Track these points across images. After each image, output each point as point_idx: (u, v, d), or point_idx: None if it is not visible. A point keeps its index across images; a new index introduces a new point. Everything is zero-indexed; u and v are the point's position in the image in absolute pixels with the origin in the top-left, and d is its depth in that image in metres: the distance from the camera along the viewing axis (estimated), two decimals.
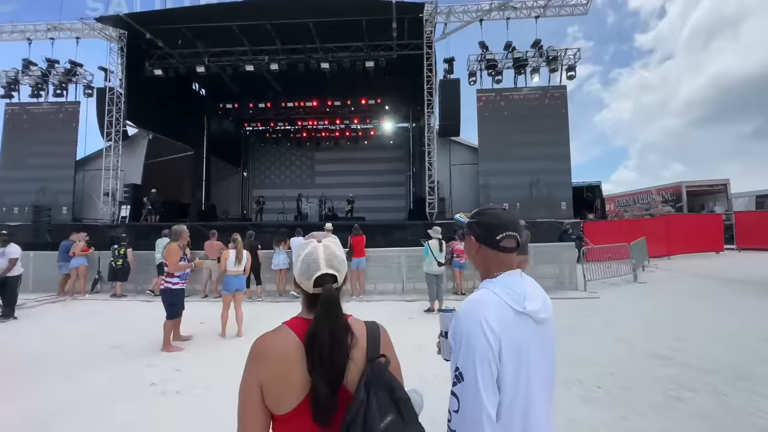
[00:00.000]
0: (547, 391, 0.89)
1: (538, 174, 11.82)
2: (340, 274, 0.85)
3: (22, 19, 12.50)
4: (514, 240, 0.95)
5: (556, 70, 11.82)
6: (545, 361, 0.89)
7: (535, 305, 0.86)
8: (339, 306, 0.80)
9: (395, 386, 0.79)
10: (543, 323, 0.89)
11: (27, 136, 12.65)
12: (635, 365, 3.21)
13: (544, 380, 0.88)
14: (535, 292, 0.91)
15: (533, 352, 0.85)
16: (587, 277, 6.87)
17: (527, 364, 0.83)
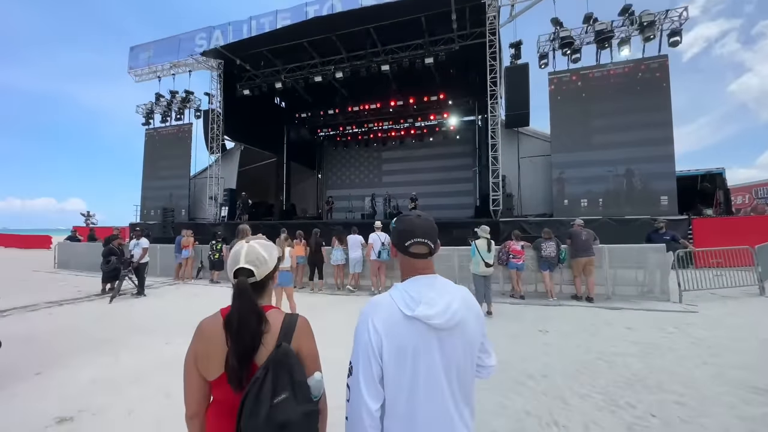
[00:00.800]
0: (445, 393, 0.89)
1: (629, 163, 10.08)
2: (257, 270, 1.00)
3: (154, 62, 15.87)
4: (424, 247, 0.98)
5: (652, 39, 9.89)
6: (443, 365, 0.90)
7: (429, 311, 0.88)
8: (249, 295, 0.96)
9: (295, 369, 0.92)
10: (443, 328, 0.89)
11: (159, 153, 16.09)
12: (716, 396, 2.61)
13: (438, 383, 0.89)
14: (439, 298, 0.92)
15: (421, 355, 0.87)
16: (683, 286, 5.67)
17: (412, 365, 0.86)
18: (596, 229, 9.44)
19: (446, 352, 0.90)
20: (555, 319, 4.82)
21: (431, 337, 0.88)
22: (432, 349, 0.88)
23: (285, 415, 0.83)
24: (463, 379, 0.93)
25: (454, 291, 0.97)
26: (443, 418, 0.88)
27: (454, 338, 0.91)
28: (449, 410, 0.89)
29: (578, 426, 2.29)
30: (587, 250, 5.77)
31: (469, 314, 0.96)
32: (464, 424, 0.92)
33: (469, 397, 0.95)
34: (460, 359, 0.92)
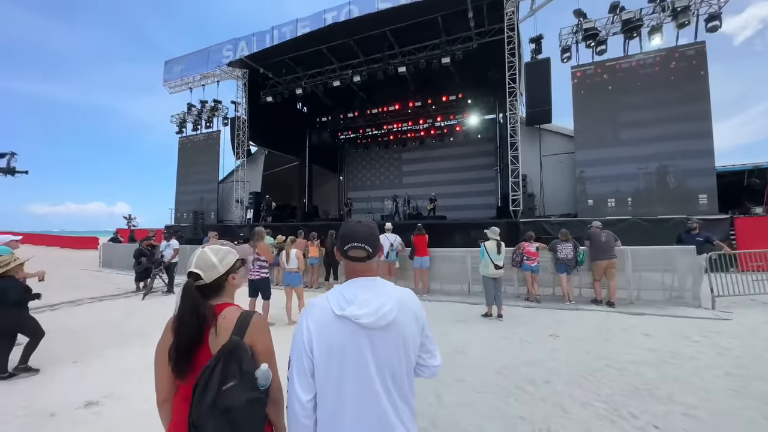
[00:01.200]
0: (378, 390, 0.94)
1: (662, 159, 9.45)
2: (204, 273, 1.11)
3: (186, 74, 16.92)
4: (362, 251, 1.03)
5: (687, 25, 9.21)
6: (375, 363, 0.95)
7: (359, 311, 0.94)
8: (192, 296, 1.06)
9: (244, 360, 1.01)
10: (373, 328, 0.95)
11: (191, 160, 17.11)
12: (733, 410, 2.42)
13: (369, 379, 0.94)
14: (373, 300, 0.97)
15: (350, 352, 0.93)
16: (717, 291, 5.25)
17: (340, 361, 0.93)
18: (625, 230, 9.09)
19: (378, 350, 0.95)
20: (569, 324, 4.65)
21: (362, 336, 0.94)
22: (362, 347, 0.94)
23: (230, 401, 0.92)
24: (398, 377, 0.98)
25: (391, 293, 1.02)
26: (375, 414, 0.93)
27: (387, 338, 0.96)
28: (383, 406, 0.94)
29: (564, 430, 2.23)
30: (608, 252, 5.50)
31: (405, 315, 1.01)
32: (401, 421, 0.97)
33: (406, 395, 1.00)
34: (393, 358, 0.97)
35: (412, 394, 1.03)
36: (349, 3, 13.23)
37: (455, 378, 3.11)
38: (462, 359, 3.53)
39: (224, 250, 1.21)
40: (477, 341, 4.07)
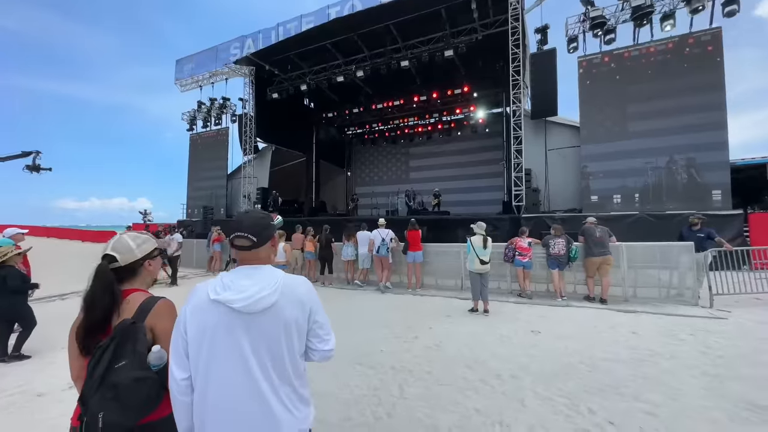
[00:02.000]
0: (253, 373, 0.99)
1: (672, 152, 9.07)
2: (119, 256, 1.18)
3: (196, 73, 17.31)
4: (246, 240, 1.08)
5: (701, 10, 8.74)
6: (250, 344, 0.99)
7: (232, 296, 0.99)
8: (105, 276, 1.13)
9: (139, 341, 1.08)
10: (247, 312, 0.99)
11: (201, 156, 17.58)
12: (700, 410, 2.36)
13: (243, 359, 0.98)
14: (251, 286, 1.01)
15: (220, 333, 0.98)
16: (716, 289, 5.04)
17: (211, 342, 0.98)
18: (631, 225, 8.83)
19: (255, 333, 1.00)
20: (554, 321, 4.58)
21: (235, 319, 0.99)
22: (235, 329, 0.98)
23: (117, 378, 0.99)
24: (278, 359, 1.02)
25: (273, 280, 1.05)
26: (248, 392, 0.97)
27: (266, 321, 1.01)
28: (259, 386, 0.98)
29: (523, 427, 2.23)
30: (602, 248, 5.36)
31: (288, 301, 1.04)
32: (280, 401, 1.01)
33: (289, 376, 1.04)
34: (273, 341, 1.01)
35: (297, 376, 1.07)
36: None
37: (424, 371, 3.14)
38: (436, 353, 3.55)
39: (143, 237, 1.28)
40: (456, 336, 4.08)
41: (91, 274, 1.14)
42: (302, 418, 1.06)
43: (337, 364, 3.32)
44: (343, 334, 4.26)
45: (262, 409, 0.98)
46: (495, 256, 6.32)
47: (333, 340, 1.17)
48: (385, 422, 2.33)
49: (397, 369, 3.18)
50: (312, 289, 1.15)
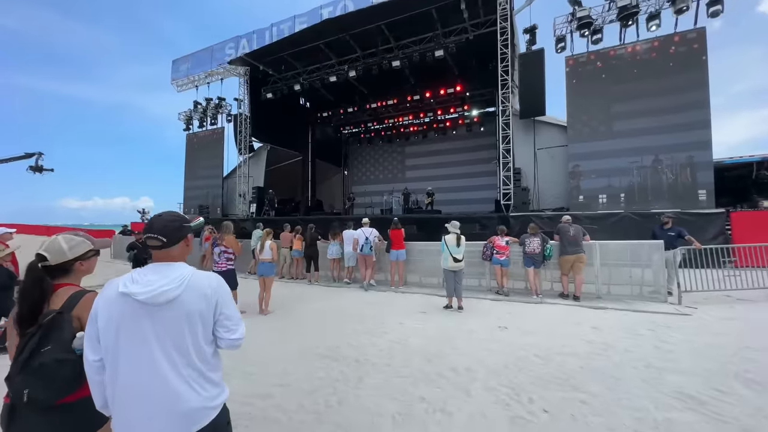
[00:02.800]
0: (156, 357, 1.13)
1: (657, 152, 9.16)
2: (50, 256, 1.33)
3: (192, 73, 17.47)
4: (156, 241, 1.22)
5: (685, 11, 8.80)
6: (155, 333, 1.13)
7: (136, 289, 1.12)
8: (34, 272, 1.28)
9: (65, 330, 1.23)
10: (151, 304, 1.12)
11: (197, 155, 17.76)
12: (632, 398, 2.49)
13: (147, 346, 1.12)
14: (157, 281, 1.15)
15: (126, 322, 1.12)
16: (685, 286, 5.16)
17: (117, 329, 1.12)
18: (616, 224, 8.94)
19: (159, 322, 1.14)
20: (524, 317, 4.72)
21: (140, 309, 1.13)
22: (140, 318, 1.13)
23: (42, 359, 1.15)
24: (182, 346, 1.16)
25: (179, 276, 1.19)
26: (153, 375, 1.12)
27: (168, 312, 1.15)
28: (163, 370, 1.13)
29: (463, 414, 2.38)
30: (576, 246, 5.49)
31: (191, 295, 1.19)
32: (183, 380, 1.15)
33: (193, 360, 1.18)
34: (176, 330, 1.16)
35: (203, 361, 1.21)
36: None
37: (385, 363, 3.29)
38: (400, 347, 3.70)
39: (78, 240, 1.43)
40: (426, 331, 4.23)
41: (23, 270, 1.29)
42: (209, 397, 1.20)
43: (305, 357, 3.48)
44: (316, 329, 4.43)
45: (163, 388, 1.12)
46: (472, 255, 6.48)
47: (241, 330, 1.31)
48: (335, 410, 2.49)
49: (361, 362, 3.34)
50: (221, 284, 1.29)
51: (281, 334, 4.28)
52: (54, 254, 1.34)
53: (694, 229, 8.16)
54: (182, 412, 1.14)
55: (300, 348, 3.72)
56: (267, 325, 4.71)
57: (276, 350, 3.69)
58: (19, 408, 1.18)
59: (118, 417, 1.13)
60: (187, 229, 1.31)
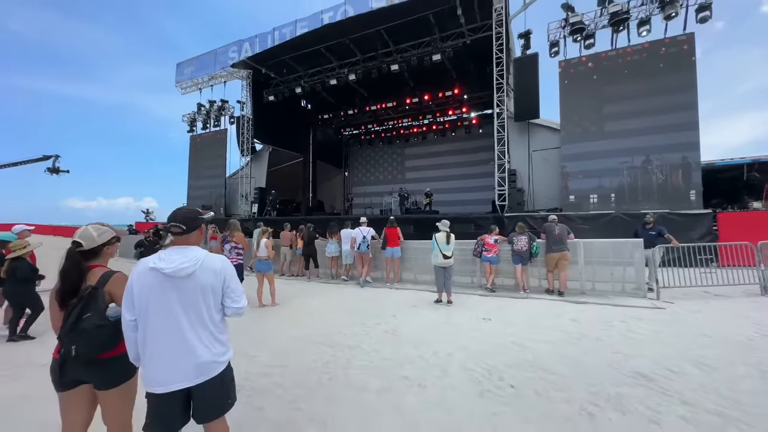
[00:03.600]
0: (180, 319, 1.45)
1: (647, 152, 9.41)
2: (84, 242, 1.64)
3: (196, 76, 17.88)
4: (177, 228, 1.54)
5: (674, 17, 9.06)
6: (179, 300, 1.45)
7: (163, 265, 1.44)
8: (73, 256, 1.59)
9: (99, 300, 1.54)
10: (176, 276, 1.45)
11: (200, 156, 18.15)
12: (593, 379, 2.78)
13: (172, 310, 1.44)
14: (179, 259, 1.47)
15: (156, 291, 1.44)
16: (663, 283, 5.43)
17: (148, 296, 1.44)
18: (607, 224, 9.20)
19: (181, 291, 1.46)
20: (509, 310, 5.01)
21: (166, 281, 1.45)
22: (168, 289, 1.45)
23: (85, 324, 1.47)
24: (198, 311, 1.48)
25: (195, 256, 1.51)
26: (176, 333, 1.44)
27: (188, 284, 1.47)
28: (183, 328, 1.45)
29: (437, 388, 2.68)
30: (560, 244, 5.77)
31: (205, 272, 1.50)
32: (199, 340, 1.47)
33: (207, 324, 1.50)
34: (193, 298, 1.48)
35: (213, 324, 1.53)
36: (345, 3, 13.61)
37: (374, 349, 3.59)
38: (390, 336, 4.00)
39: (104, 228, 1.75)
40: (415, 322, 4.53)
41: (63, 255, 1.61)
42: (217, 353, 1.52)
43: (301, 343, 3.79)
44: (312, 320, 4.75)
45: (182, 343, 1.45)
46: (464, 253, 6.77)
47: (243, 301, 1.63)
48: (326, 386, 2.79)
49: (352, 347, 3.64)
50: (227, 265, 1.61)
51: (280, 324, 4.59)
52: (87, 240, 1.65)
53: (682, 229, 8.46)
54: (196, 364, 1.45)
55: (297, 336, 4.04)
56: (267, 316, 5.03)
57: (276, 338, 4.00)
58: (69, 361, 1.49)
59: (146, 366, 1.45)
60: (201, 220, 1.63)
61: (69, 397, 1.57)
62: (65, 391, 1.56)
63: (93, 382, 1.56)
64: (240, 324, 4.50)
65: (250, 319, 4.78)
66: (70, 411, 1.58)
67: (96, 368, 1.53)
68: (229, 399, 1.59)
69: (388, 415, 2.37)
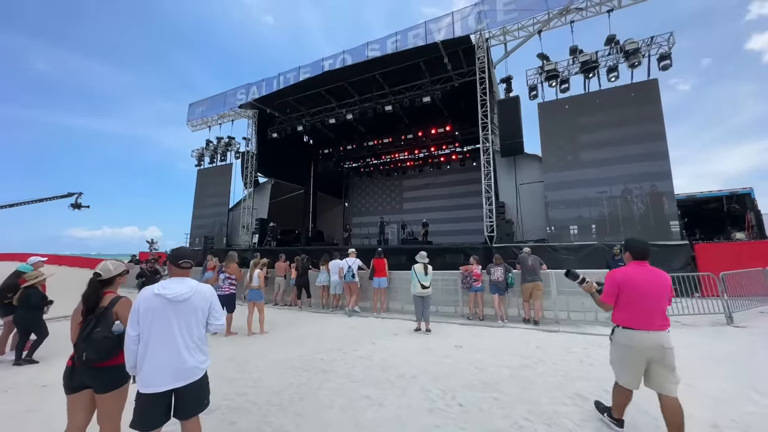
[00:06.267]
0: (174, 334, 1.89)
1: (624, 182, 9.93)
2: (104, 273, 2.13)
3: (206, 115, 19.26)
4: (187, 263, 2.03)
5: (637, 65, 9.99)
6: (176, 319, 1.90)
7: (167, 292, 1.91)
8: (93, 284, 2.07)
9: (108, 319, 2.00)
10: (177, 300, 1.91)
11: (206, 189, 19.03)
12: (533, 398, 3.08)
13: (170, 328, 1.89)
14: (177, 287, 1.94)
15: (159, 313, 1.90)
16: None
17: (152, 316, 1.89)
18: (589, 255, 9.51)
19: (179, 313, 1.92)
20: (482, 338, 5.29)
21: (168, 304, 1.90)
22: (168, 310, 1.90)
23: (95, 336, 1.91)
24: (190, 327, 1.93)
25: (191, 286, 1.98)
26: (171, 345, 1.88)
27: (184, 307, 1.93)
28: (177, 342, 1.89)
29: (394, 406, 2.99)
30: (533, 274, 6.13)
31: (198, 298, 1.97)
32: (188, 350, 1.91)
33: (195, 337, 1.94)
34: (188, 318, 1.93)
35: (199, 338, 1.98)
36: (344, 52, 15.02)
37: (347, 373, 3.90)
38: (364, 361, 4.31)
39: (117, 263, 2.24)
40: (389, 349, 4.83)
41: (87, 282, 2.09)
42: (199, 361, 1.96)
43: (280, 367, 4.11)
44: (296, 346, 5.06)
45: (176, 353, 1.88)
46: (448, 283, 7.12)
47: (223, 320, 2.10)
48: (296, 403, 3.12)
49: (327, 371, 3.96)
50: (213, 293, 2.09)
51: (264, 350, 4.91)
52: (105, 272, 2.14)
53: (661, 260, 8.76)
54: (184, 369, 1.89)
55: (278, 361, 4.36)
56: (253, 344, 5.35)
57: (257, 362, 4.33)
58: (78, 366, 1.92)
59: (144, 371, 1.86)
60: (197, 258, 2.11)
61: (75, 399, 1.98)
62: (73, 393, 1.98)
63: (94, 386, 1.98)
64: (227, 350, 4.84)
65: (238, 346, 5.11)
66: (74, 411, 1.99)
67: (97, 374, 1.95)
68: (206, 399, 2.01)
69: (348, 428, 2.68)
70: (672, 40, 9.78)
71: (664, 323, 2.35)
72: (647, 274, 2.42)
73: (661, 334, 2.32)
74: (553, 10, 11.12)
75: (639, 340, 2.32)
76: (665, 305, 2.38)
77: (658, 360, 2.28)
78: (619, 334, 2.46)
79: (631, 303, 2.39)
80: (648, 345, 2.30)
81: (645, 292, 2.36)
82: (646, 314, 2.34)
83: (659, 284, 2.38)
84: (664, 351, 2.28)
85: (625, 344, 2.39)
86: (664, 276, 2.42)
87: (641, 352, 2.31)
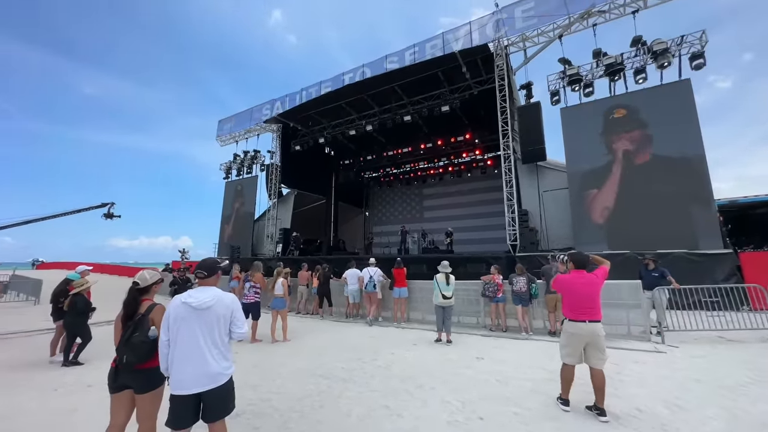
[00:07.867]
0: (199, 340, 2.03)
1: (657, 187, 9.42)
2: (141, 282, 2.32)
3: (234, 131, 20.30)
4: (201, 273, 2.18)
5: (667, 66, 9.57)
6: (199, 326, 2.05)
7: (192, 301, 2.06)
8: (132, 292, 2.27)
9: (145, 325, 2.18)
10: (200, 308, 2.06)
11: (233, 201, 19.86)
12: (536, 408, 2.98)
13: (195, 333, 2.03)
14: (201, 296, 2.09)
15: (186, 320, 2.05)
16: (676, 326, 5.37)
17: (180, 322, 2.04)
18: (622, 264, 9.03)
19: (202, 320, 2.06)
20: (504, 350, 5.15)
21: (193, 312, 2.05)
22: (193, 317, 2.05)
23: (134, 340, 2.09)
24: (214, 335, 2.07)
25: (213, 294, 2.13)
26: (196, 350, 2.01)
27: (208, 315, 2.07)
28: (201, 348, 2.02)
29: (412, 417, 2.99)
30: None
31: (220, 305, 2.11)
32: (212, 356, 2.04)
33: (218, 344, 2.07)
34: (211, 324, 2.07)
35: (223, 345, 2.10)
36: (363, 65, 15.45)
37: (365, 382, 3.94)
38: (383, 371, 4.33)
39: (153, 272, 2.44)
40: (409, 359, 4.81)
41: (127, 290, 2.30)
42: (224, 366, 2.08)
43: (302, 375, 4.21)
44: (316, 355, 5.15)
45: (201, 358, 2.02)
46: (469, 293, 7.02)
47: (245, 327, 2.22)
48: (316, 411, 3.19)
49: (346, 380, 4.01)
50: (235, 301, 2.22)
51: (287, 358, 5.03)
52: (143, 281, 2.34)
53: (701, 271, 8.23)
54: (209, 374, 2.02)
55: (300, 368, 4.46)
56: (277, 351, 5.50)
57: (280, 370, 4.45)
58: (120, 368, 2.10)
59: (173, 374, 2.01)
60: (218, 268, 2.27)
61: (117, 398, 2.16)
62: (115, 393, 2.16)
63: (133, 386, 2.15)
64: (252, 357, 5.02)
65: (262, 353, 5.27)
66: (116, 410, 2.16)
67: (137, 376, 2.13)
68: (231, 404, 2.12)
69: None
70: (704, 38, 9.32)
71: (598, 316, 3.14)
72: (583, 279, 3.20)
73: (595, 325, 3.10)
74: (573, 15, 10.93)
75: (579, 329, 3.11)
76: (599, 302, 3.17)
77: (593, 344, 3.08)
78: (566, 324, 3.23)
79: (573, 302, 3.20)
80: (585, 332, 3.08)
81: (582, 294, 3.16)
82: (584, 310, 3.13)
83: (592, 286, 3.18)
84: (597, 337, 3.06)
85: (570, 332, 3.17)
86: (595, 280, 3.20)
87: (581, 338, 3.10)
